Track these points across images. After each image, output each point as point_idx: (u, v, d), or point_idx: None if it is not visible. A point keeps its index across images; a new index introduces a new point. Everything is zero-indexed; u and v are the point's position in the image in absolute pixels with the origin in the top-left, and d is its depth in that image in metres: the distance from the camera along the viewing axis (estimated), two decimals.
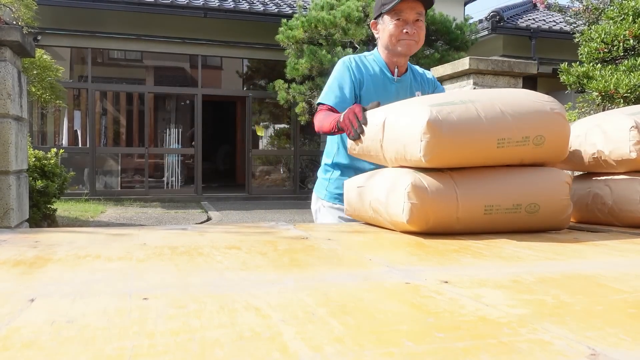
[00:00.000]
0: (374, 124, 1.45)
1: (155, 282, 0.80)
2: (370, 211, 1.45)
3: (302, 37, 8.79)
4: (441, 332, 0.58)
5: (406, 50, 1.88)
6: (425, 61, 8.48)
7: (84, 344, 0.53)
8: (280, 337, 0.55)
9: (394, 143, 1.36)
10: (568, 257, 1.05)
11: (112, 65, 11.74)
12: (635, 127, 1.48)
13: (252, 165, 11.47)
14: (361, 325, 0.60)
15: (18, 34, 3.11)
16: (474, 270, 0.90)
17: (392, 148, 1.37)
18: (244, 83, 12.17)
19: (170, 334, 0.56)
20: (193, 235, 1.30)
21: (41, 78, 6.42)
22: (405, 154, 1.32)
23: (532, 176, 1.40)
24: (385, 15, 1.85)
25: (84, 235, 1.30)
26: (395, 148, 1.36)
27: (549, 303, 0.70)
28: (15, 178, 3.20)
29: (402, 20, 1.83)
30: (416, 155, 1.27)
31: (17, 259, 0.97)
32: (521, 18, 12.04)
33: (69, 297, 0.70)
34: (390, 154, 1.39)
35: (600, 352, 0.52)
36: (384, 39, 1.88)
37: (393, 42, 1.85)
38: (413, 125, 1.28)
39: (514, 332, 0.58)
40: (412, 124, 1.29)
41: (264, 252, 1.05)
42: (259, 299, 0.70)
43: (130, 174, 11.21)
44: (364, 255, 1.04)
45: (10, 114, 3.13)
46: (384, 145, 1.40)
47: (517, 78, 3.92)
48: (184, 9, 10.30)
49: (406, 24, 1.84)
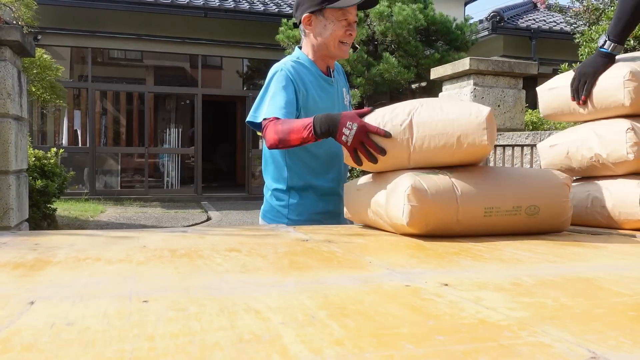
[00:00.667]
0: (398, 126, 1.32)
1: (155, 285, 0.80)
2: (370, 214, 1.45)
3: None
4: (441, 334, 0.58)
5: (344, 56, 1.71)
6: (426, 61, 8.50)
7: (83, 346, 0.53)
8: (280, 339, 0.55)
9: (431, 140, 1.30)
10: (568, 259, 1.05)
11: (112, 65, 11.75)
12: (632, 128, 1.48)
13: (252, 165, 11.48)
14: (361, 328, 0.60)
15: (18, 34, 3.11)
16: (474, 273, 0.90)
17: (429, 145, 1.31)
18: (244, 83, 12.18)
19: (170, 337, 0.56)
20: (193, 237, 1.30)
21: (41, 78, 6.43)
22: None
23: (532, 178, 1.40)
24: (327, 11, 1.63)
25: (84, 238, 1.30)
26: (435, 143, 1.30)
27: (549, 306, 0.70)
28: (15, 178, 3.20)
29: (346, 20, 1.66)
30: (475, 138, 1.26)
31: (16, 262, 0.97)
32: (521, 18, 12.04)
33: (69, 300, 0.70)
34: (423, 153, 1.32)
35: (600, 355, 0.52)
36: (322, 39, 1.67)
37: (334, 44, 1.67)
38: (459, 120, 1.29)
39: (514, 335, 0.58)
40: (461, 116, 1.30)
41: (263, 255, 1.05)
42: (259, 301, 0.70)
43: (130, 174, 11.22)
44: (364, 258, 1.04)
45: (10, 113, 3.13)
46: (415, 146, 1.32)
47: (518, 78, 3.92)
48: (184, 9, 10.31)
49: (349, 25, 1.67)
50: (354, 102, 8.41)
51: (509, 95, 3.90)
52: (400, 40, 8.49)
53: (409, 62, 8.52)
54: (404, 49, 8.53)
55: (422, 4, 8.78)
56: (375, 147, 1.31)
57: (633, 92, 1.48)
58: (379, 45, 8.78)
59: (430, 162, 1.34)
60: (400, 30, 8.27)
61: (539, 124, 6.06)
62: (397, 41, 8.54)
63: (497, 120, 3.83)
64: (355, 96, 8.46)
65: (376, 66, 8.24)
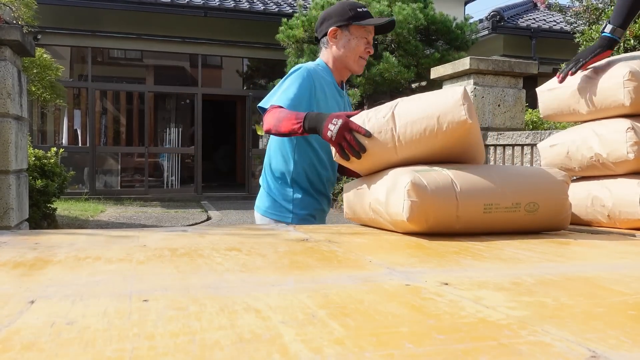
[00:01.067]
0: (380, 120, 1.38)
1: (155, 284, 0.80)
2: (370, 212, 1.45)
3: (302, 36, 8.79)
4: (441, 334, 0.58)
5: (359, 71, 1.84)
6: (426, 61, 8.49)
7: (83, 345, 0.53)
8: (280, 339, 0.55)
9: (416, 124, 1.33)
10: (568, 258, 1.05)
11: (112, 65, 11.74)
12: (632, 128, 1.48)
13: (252, 164, 11.48)
14: (361, 327, 0.60)
15: (18, 33, 3.11)
16: (474, 272, 0.90)
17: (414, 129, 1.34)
18: (244, 82, 12.17)
19: (170, 336, 0.56)
20: (193, 237, 1.30)
21: (41, 77, 6.42)
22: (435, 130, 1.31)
23: (531, 175, 1.40)
24: (353, 27, 1.78)
25: (84, 237, 1.30)
26: (420, 128, 1.33)
27: (549, 305, 0.70)
28: (15, 177, 3.20)
29: (366, 39, 1.80)
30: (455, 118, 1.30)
31: (17, 261, 0.97)
32: (521, 18, 12.04)
33: (69, 299, 0.70)
34: (409, 143, 1.35)
35: (600, 354, 0.52)
36: (345, 51, 1.80)
37: (354, 60, 1.80)
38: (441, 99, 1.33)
39: (514, 334, 0.58)
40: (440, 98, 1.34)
41: (264, 254, 1.05)
42: (259, 300, 0.70)
43: (130, 174, 11.22)
44: (364, 257, 1.04)
45: (10, 113, 3.13)
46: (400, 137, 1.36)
47: (518, 78, 3.92)
48: (184, 8, 10.31)
49: (368, 43, 1.81)
50: (354, 102, 8.43)
51: (509, 94, 3.90)
52: (400, 40, 8.49)
53: (409, 62, 8.52)
54: (404, 49, 8.53)
55: (422, 3, 8.77)
56: (356, 144, 1.38)
57: (633, 91, 1.48)
58: (379, 44, 8.78)
59: (417, 150, 1.36)
60: (400, 30, 8.27)
61: (539, 123, 6.06)
62: (397, 41, 8.54)
63: (497, 119, 3.83)
64: (355, 96, 8.46)
65: (376, 65, 8.24)
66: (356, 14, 1.77)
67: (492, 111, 3.82)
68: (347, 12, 1.78)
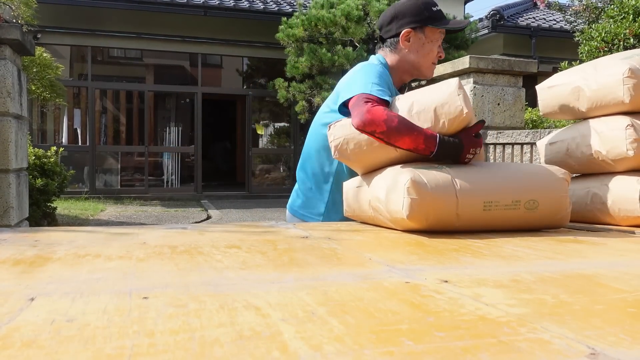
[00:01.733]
0: None
1: (155, 281, 0.80)
2: (369, 210, 1.45)
3: (302, 35, 8.79)
4: (441, 331, 0.58)
5: (430, 76, 1.67)
6: None
7: (83, 343, 0.53)
8: (280, 336, 0.55)
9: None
10: (568, 256, 1.05)
11: (112, 64, 11.73)
12: (631, 125, 1.48)
13: (252, 163, 11.48)
14: (361, 325, 0.60)
15: (18, 32, 3.10)
16: (474, 270, 0.90)
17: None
18: (244, 81, 12.16)
19: (170, 333, 0.56)
20: (193, 234, 1.30)
21: (41, 76, 6.41)
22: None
23: (531, 173, 1.40)
24: (428, 29, 1.61)
25: (83, 235, 1.30)
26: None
27: (548, 302, 0.70)
28: (15, 176, 3.20)
29: (439, 43, 1.65)
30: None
31: (17, 258, 0.97)
32: (521, 17, 12.03)
33: (69, 296, 0.70)
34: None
35: (599, 351, 0.52)
36: (418, 57, 1.63)
37: (426, 65, 1.65)
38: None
39: (514, 331, 0.58)
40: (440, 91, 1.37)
41: (263, 252, 1.06)
42: (259, 298, 0.70)
43: (130, 173, 11.21)
44: (363, 255, 1.04)
45: (10, 112, 3.13)
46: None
47: (517, 77, 3.92)
48: (184, 7, 10.30)
49: (440, 47, 1.66)
50: None
51: (509, 93, 3.90)
52: None
53: None
54: None
55: None
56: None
57: (632, 89, 1.48)
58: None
59: None
60: None
61: (539, 122, 6.06)
62: None
63: (497, 118, 3.83)
64: None
65: None
66: (432, 14, 1.60)
67: (491, 110, 3.81)
68: (423, 12, 1.59)
